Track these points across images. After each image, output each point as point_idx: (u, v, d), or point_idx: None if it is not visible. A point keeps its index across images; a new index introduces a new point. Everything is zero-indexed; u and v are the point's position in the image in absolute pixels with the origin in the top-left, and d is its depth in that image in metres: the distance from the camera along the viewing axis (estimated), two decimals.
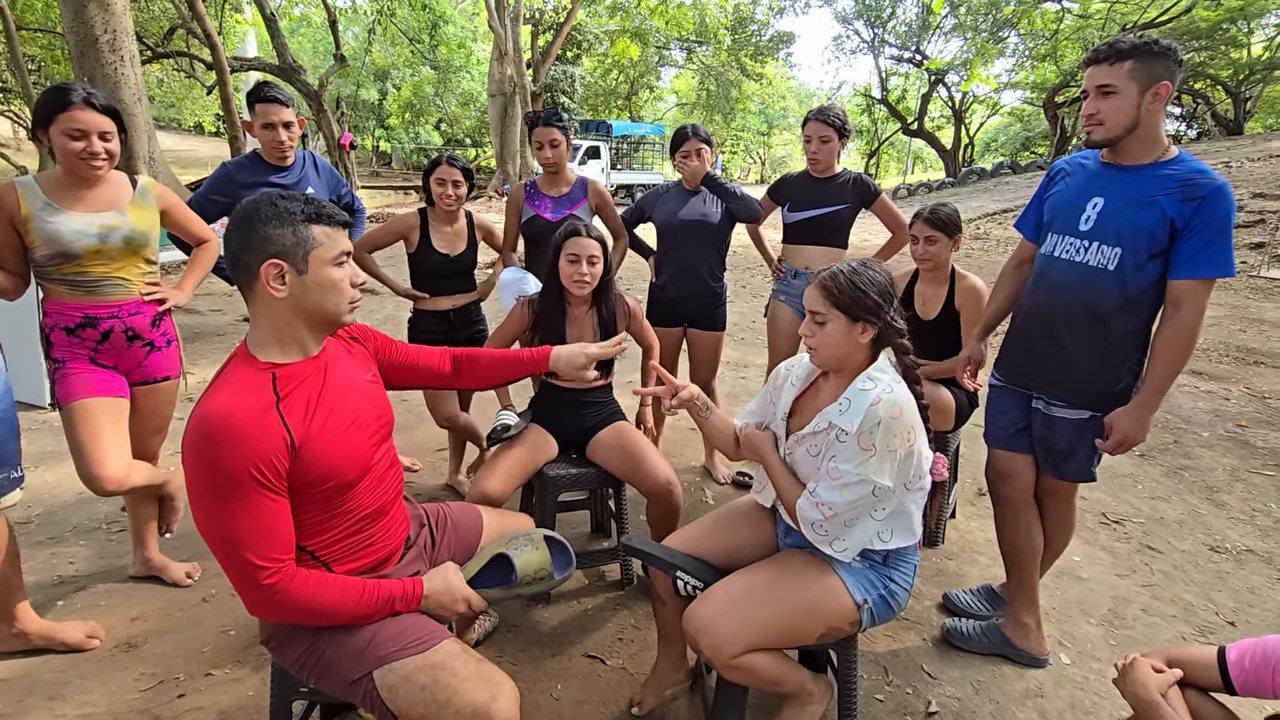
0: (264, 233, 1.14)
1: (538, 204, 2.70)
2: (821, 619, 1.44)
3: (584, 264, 2.04)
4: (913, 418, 1.39)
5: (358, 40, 25.48)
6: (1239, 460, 3.55)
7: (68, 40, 6.78)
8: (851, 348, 1.44)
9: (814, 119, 2.68)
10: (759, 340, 5.33)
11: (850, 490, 1.37)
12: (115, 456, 1.89)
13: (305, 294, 1.17)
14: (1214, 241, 1.60)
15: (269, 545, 1.12)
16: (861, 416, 1.37)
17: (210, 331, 5.27)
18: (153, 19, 14.56)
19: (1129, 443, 1.73)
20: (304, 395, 1.19)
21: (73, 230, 1.82)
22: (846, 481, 1.37)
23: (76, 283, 1.87)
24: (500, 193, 18.20)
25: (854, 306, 1.41)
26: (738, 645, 1.39)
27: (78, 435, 1.86)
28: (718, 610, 1.43)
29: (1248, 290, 7.93)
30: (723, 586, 1.49)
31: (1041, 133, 27.35)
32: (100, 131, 1.81)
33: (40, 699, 1.73)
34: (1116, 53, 1.63)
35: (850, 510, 1.39)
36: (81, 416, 1.86)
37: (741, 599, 1.44)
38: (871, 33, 25.16)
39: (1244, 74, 19.37)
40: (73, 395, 1.87)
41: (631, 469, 2.09)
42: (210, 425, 1.08)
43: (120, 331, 1.94)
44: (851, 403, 1.41)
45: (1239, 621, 2.26)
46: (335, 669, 1.19)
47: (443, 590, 1.28)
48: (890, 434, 1.35)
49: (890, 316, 1.43)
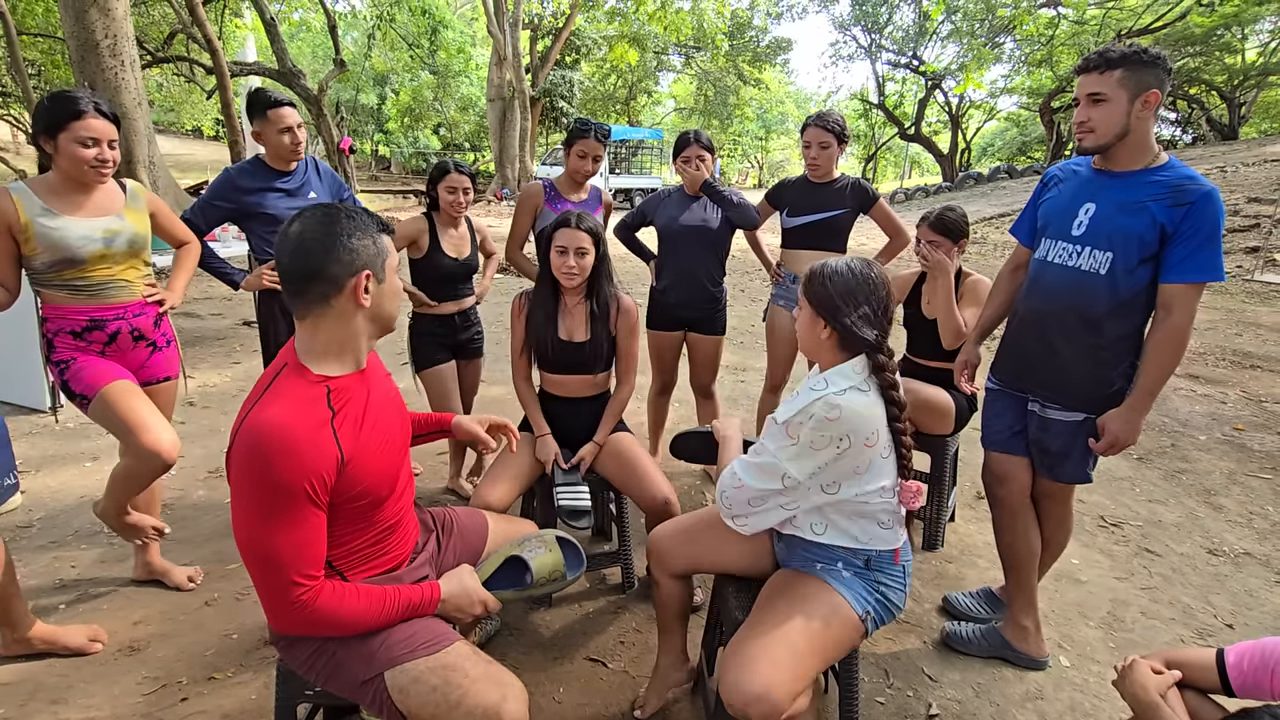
0: (350, 245, 1.15)
1: (558, 207, 2.71)
2: (838, 641, 1.42)
3: (571, 255, 2.04)
4: (855, 427, 1.32)
5: (357, 45, 25.54)
6: (1236, 464, 3.57)
7: (68, 45, 6.79)
8: (816, 342, 1.45)
9: (813, 125, 2.70)
10: (758, 344, 5.35)
11: (762, 472, 1.40)
12: (165, 425, 1.91)
13: (382, 301, 1.22)
14: (1203, 247, 1.62)
15: (308, 562, 1.12)
16: (796, 409, 1.37)
17: (210, 335, 5.28)
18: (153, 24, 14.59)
19: (1120, 444, 1.76)
20: (353, 410, 1.20)
21: (79, 235, 1.84)
22: (761, 461, 1.40)
23: (78, 287, 1.88)
24: (499, 197, 18.23)
25: (815, 301, 1.43)
26: (790, 699, 1.31)
27: (121, 415, 1.84)
28: (768, 673, 1.30)
29: (1244, 294, 7.96)
30: (756, 644, 1.36)
31: (1038, 138, 27.48)
32: (109, 139, 1.83)
33: (43, 703, 1.74)
34: (1106, 61, 1.66)
35: (759, 494, 1.41)
36: (117, 398, 1.86)
37: (779, 653, 1.34)
38: (868, 38, 25.29)
39: (1238, 79, 19.49)
40: (100, 381, 1.87)
41: (629, 483, 2.09)
42: (267, 438, 1.07)
43: (127, 332, 1.96)
44: (796, 398, 1.43)
45: (1237, 624, 2.27)
46: (346, 669, 1.20)
47: (460, 593, 1.30)
48: (817, 432, 1.32)
49: (850, 321, 1.38)
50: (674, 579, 1.73)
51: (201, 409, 3.79)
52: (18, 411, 3.58)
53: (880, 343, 1.42)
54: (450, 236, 2.65)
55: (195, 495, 2.83)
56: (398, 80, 26.58)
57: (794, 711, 1.34)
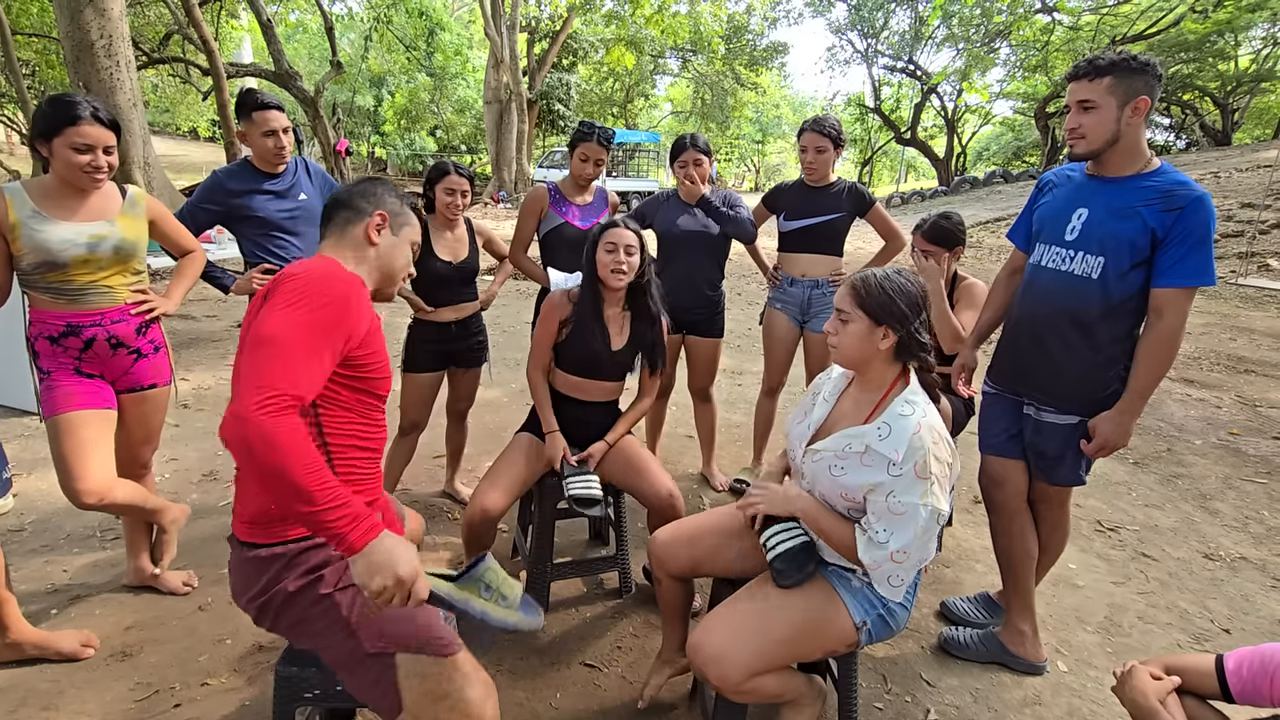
0: (382, 194, 1.39)
1: (564, 210, 2.70)
2: (820, 643, 1.45)
3: (621, 252, 2.02)
4: (949, 439, 1.41)
5: (354, 47, 25.51)
6: (1231, 468, 3.58)
7: (63, 45, 6.76)
8: (871, 352, 1.44)
9: (810, 129, 2.70)
10: (754, 348, 5.35)
11: (918, 525, 1.34)
12: (96, 470, 1.87)
13: (390, 252, 1.39)
14: (1194, 251, 1.63)
15: (295, 381, 1.07)
16: (905, 444, 1.33)
17: (205, 337, 5.25)
18: (148, 24, 14.56)
19: (1110, 446, 1.77)
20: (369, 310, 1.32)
21: (61, 240, 1.81)
22: (912, 516, 1.33)
23: (59, 291, 1.85)
24: (496, 199, 18.22)
25: (878, 310, 1.41)
26: (743, 674, 1.40)
27: (60, 449, 1.86)
28: (724, 641, 1.42)
29: (1237, 299, 8.01)
30: (726, 613, 1.47)
31: (1033, 142, 27.62)
32: (105, 146, 1.81)
33: (34, 709, 1.71)
34: (1096, 69, 1.67)
35: (920, 548, 1.35)
36: (65, 430, 1.85)
37: (745, 627, 1.44)
38: (865, 43, 25.40)
39: (1231, 86, 19.63)
40: (57, 408, 1.86)
41: (633, 481, 2.09)
42: (336, 268, 1.23)
43: (103, 339, 1.91)
44: (892, 429, 1.36)
45: (1234, 629, 2.28)
46: (348, 632, 1.20)
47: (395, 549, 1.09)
48: (938, 460, 1.34)
49: (915, 328, 1.42)
50: (675, 579, 1.74)
51: (195, 411, 3.77)
52: (10, 414, 3.56)
53: (929, 348, 1.46)
54: (445, 239, 2.59)
55: (189, 499, 2.81)
56: (394, 82, 26.56)
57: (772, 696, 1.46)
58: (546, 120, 24.51)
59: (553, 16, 22.06)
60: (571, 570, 2.28)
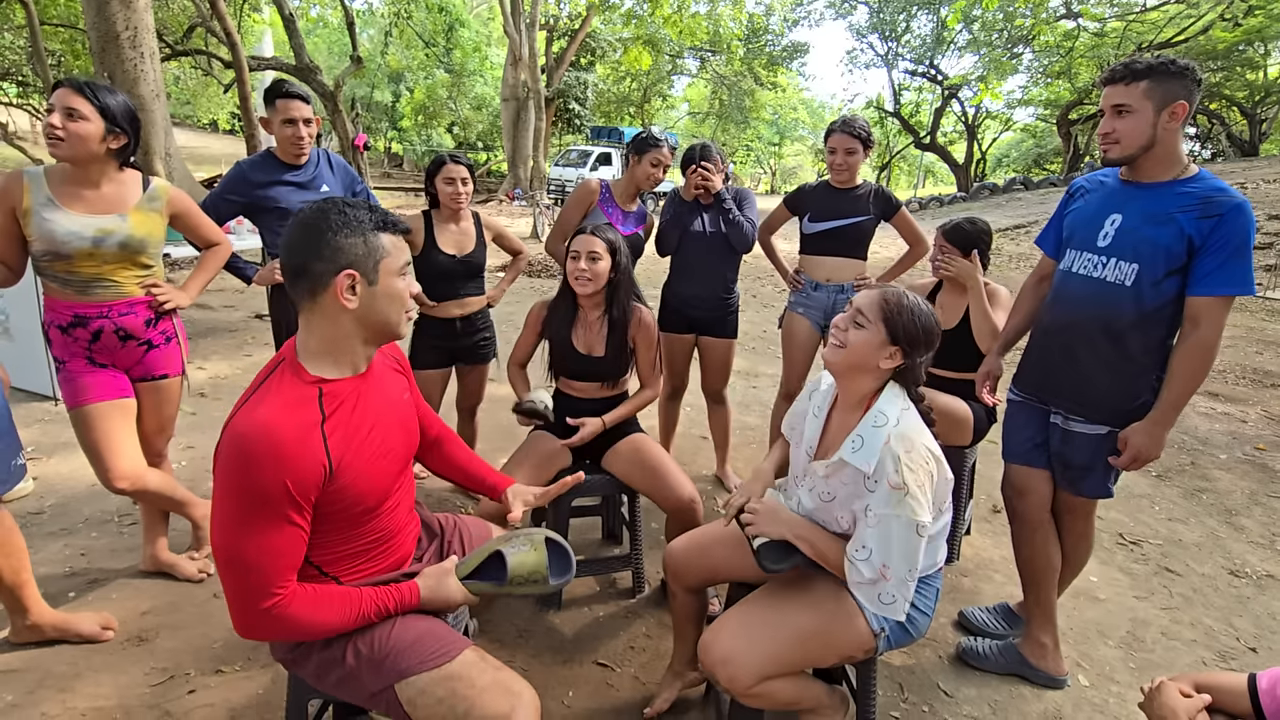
0: (335, 242, 1.10)
1: (610, 211, 2.68)
2: (836, 649, 1.42)
3: (584, 259, 2.02)
4: (927, 444, 1.36)
5: (373, 42, 25.72)
6: (1258, 484, 3.51)
7: (89, 36, 6.85)
8: (871, 364, 1.41)
9: (839, 131, 2.65)
10: (769, 350, 5.30)
11: (896, 538, 1.31)
12: (127, 458, 1.93)
13: (373, 305, 1.15)
14: (1232, 259, 1.59)
15: (281, 571, 1.08)
16: (876, 456, 1.32)
17: (222, 328, 5.29)
18: (173, 16, 14.74)
19: (1142, 459, 1.72)
20: (347, 415, 1.16)
21: (67, 231, 1.80)
22: (888, 529, 1.31)
23: (67, 280, 1.85)
24: (511, 197, 18.26)
25: (900, 331, 1.39)
26: (754, 678, 1.37)
27: (87, 440, 1.90)
28: (735, 642, 1.40)
29: (1264, 312, 7.86)
30: (739, 615, 1.46)
31: (1054, 149, 27.31)
32: (66, 107, 1.75)
33: (51, 690, 1.73)
34: (1132, 73, 1.63)
35: (904, 561, 1.32)
36: (88, 422, 1.88)
37: (758, 630, 1.42)
38: (885, 46, 25.23)
39: (1260, 95, 19.32)
40: (77, 400, 1.89)
41: (652, 484, 2.06)
42: (249, 440, 1.03)
43: (111, 331, 1.91)
44: (864, 441, 1.36)
45: (1260, 648, 2.22)
46: (357, 680, 1.18)
47: (437, 592, 1.26)
48: (910, 469, 1.30)
49: (921, 360, 1.42)
50: (689, 592, 1.72)
51: (212, 400, 3.79)
52: (31, 398, 3.60)
53: (922, 380, 1.48)
54: (450, 232, 2.55)
55: (205, 486, 2.83)
56: (413, 78, 26.72)
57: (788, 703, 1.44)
58: (563, 118, 24.56)
59: (572, 15, 22.11)
60: (584, 569, 2.27)
